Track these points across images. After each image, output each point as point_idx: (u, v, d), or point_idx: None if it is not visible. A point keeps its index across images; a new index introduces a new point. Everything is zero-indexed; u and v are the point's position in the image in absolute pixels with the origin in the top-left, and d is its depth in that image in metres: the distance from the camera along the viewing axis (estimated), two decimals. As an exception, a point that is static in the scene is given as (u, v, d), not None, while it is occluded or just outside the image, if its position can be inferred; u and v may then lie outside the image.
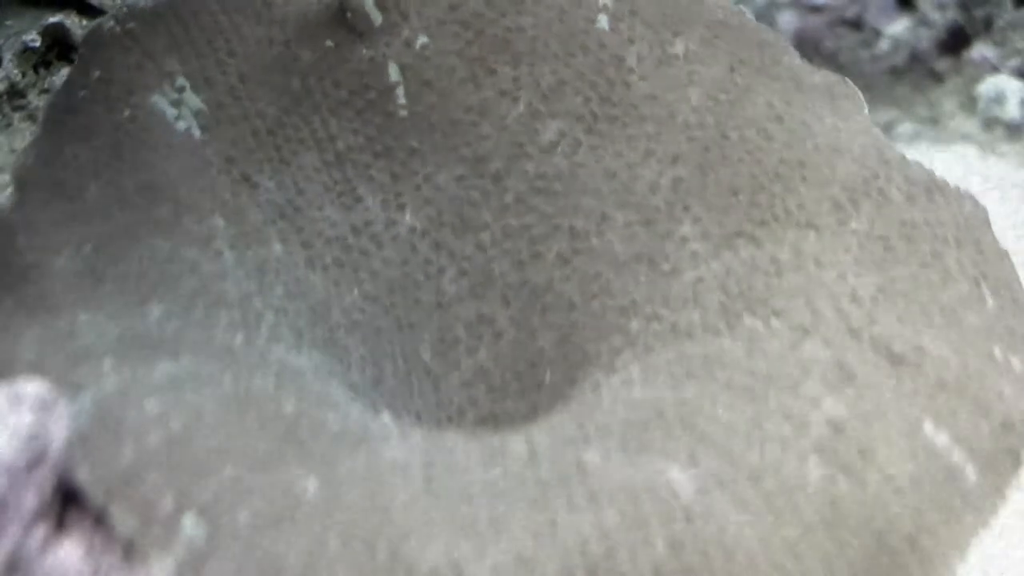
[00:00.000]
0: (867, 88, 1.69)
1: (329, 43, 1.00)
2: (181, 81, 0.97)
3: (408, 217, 0.99)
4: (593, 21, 1.02)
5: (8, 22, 1.14)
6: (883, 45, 1.73)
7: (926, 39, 1.72)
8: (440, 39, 1.00)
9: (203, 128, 0.96)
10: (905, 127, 1.70)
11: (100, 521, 0.72)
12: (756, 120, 0.98)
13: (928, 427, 0.78)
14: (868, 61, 1.73)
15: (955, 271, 0.88)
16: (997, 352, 0.84)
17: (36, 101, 1.10)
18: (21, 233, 0.85)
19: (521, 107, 1.00)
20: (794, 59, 1.04)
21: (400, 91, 0.99)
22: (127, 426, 0.72)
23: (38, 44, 1.10)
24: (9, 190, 1.00)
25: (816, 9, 1.73)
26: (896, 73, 1.73)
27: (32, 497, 0.69)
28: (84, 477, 0.70)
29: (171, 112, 0.95)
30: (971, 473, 0.77)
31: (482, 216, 0.99)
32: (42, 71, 1.11)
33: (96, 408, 0.73)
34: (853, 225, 0.90)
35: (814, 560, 0.70)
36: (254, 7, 1.01)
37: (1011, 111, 1.67)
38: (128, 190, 0.90)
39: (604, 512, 0.70)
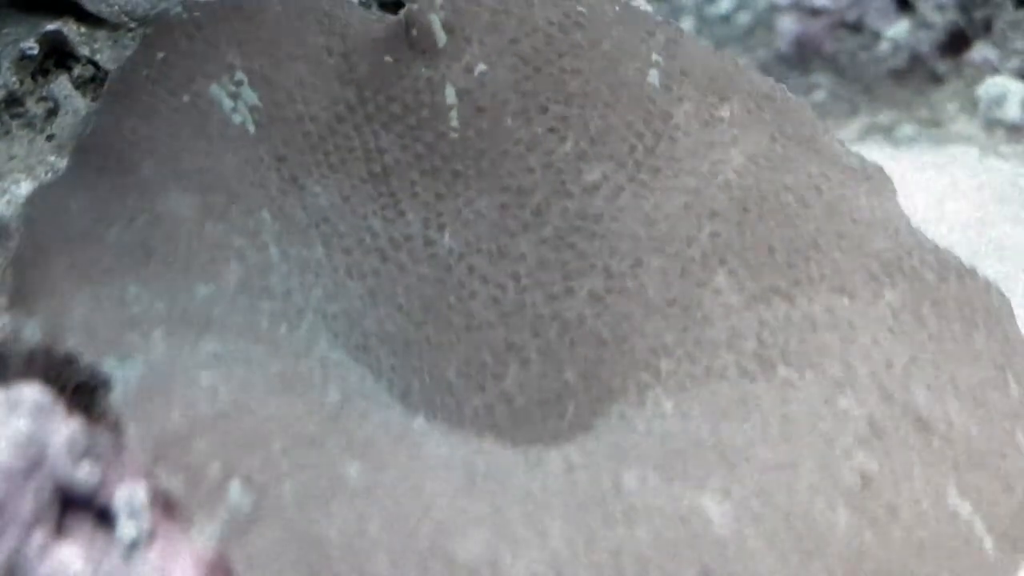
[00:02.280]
0: (868, 91, 1.77)
1: (388, 58, 1.05)
2: (240, 75, 1.01)
3: (447, 238, 1.03)
4: (645, 75, 1.08)
5: (5, 30, 1.16)
6: (883, 47, 1.80)
7: (926, 41, 1.79)
8: (499, 69, 1.05)
9: (257, 124, 1.00)
10: (906, 129, 1.76)
11: (99, 524, 0.75)
12: (795, 188, 1.03)
13: (952, 494, 0.83)
14: (868, 64, 1.80)
15: (983, 354, 0.94)
16: (1020, 435, 0.89)
17: (34, 109, 1.12)
18: (75, 198, 0.89)
19: (568, 146, 1.05)
20: (832, 139, 1.11)
21: (454, 114, 1.04)
22: (177, 393, 0.75)
23: (36, 52, 1.12)
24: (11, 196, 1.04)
25: (816, 12, 1.80)
26: (897, 75, 1.79)
27: (30, 501, 0.72)
28: (132, 438, 0.73)
29: (228, 104, 1.00)
30: (989, 545, 0.82)
31: (519, 246, 1.04)
32: (40, 79, 1.13)
33: (146, 373, 0.76)
34: (887, 296, 0.96)
35: (838, 603, 0.75)
36: (316, 16, 1.06)
37: (1012, 112, 1.74)
38: (182, 172, 0.93)
39: (639, 530, 0.75)
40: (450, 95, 1.04)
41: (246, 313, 0.86)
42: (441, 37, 1.04)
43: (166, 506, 0.77)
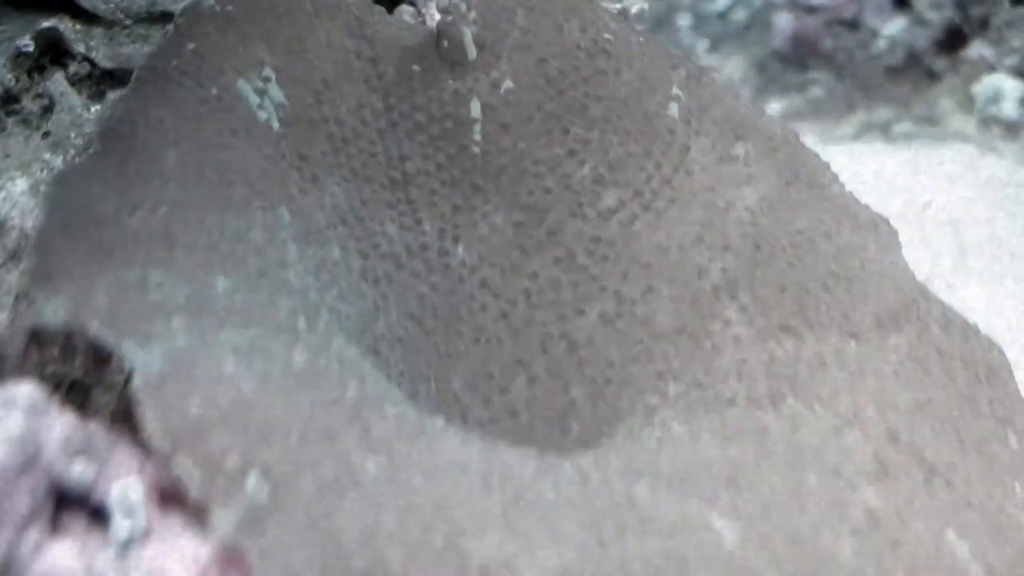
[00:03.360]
0: (864, 88, 1.80)
1: (416, 68, 1.07)
2: (268, 72, 1.03)
3: (461, 250, 1.05)
4: (665, 107, 1.11)
5: (1, 27, 1.17)
6: (880, 45, 1.83)
7: (923, 38, 1.82)
8: (524, 88, 1.07)
9: (282, 122, 1.02)
10: (903, 126, 1.78)
11: (94, 522, 0.76)
12: (807, 231, 1.06)
13: (951, 537, 0.85)
14: (865, 61, 1.83)
15: (985, 408, 0.96)
16: (1018, 488, 0.92)
17: (30, 106, 1.12)
18: (98, 182, 0.90)
19: (587, 170, 1.08)
20: (843, 188, 1.14)
21: (477, 128, 1.06)
22: (197, 382, 0.76)
23: (31, 49, 1.13)
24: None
25: (813, 10, 1.83)
26: (893, 73, 1.82)
27: (24, 500, 0.72)
28: (151, 424, 0.74)
29: (254, 99, 1.01)
30: (984, 589, 0.84)
31: (532, 264, 1.06)
32: (36, 76, 1.14)
33: (166, 360, 0.77)
34: (893, 343, 0.98)
35: (840, 634, 0.77)
36: (347, 20, 1.08)
37: (1008, 110, 1.76)
38: (206, 163, 0.95)
39: (650, 542, 0.76)
40: (475, 109, 1.06)
41: (265, 306, 0.87)
42: (471, 51, 1.06)
43: (163, 501, 0.78)
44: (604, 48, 1.11)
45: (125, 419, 0.84)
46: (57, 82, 1.12)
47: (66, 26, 1.15)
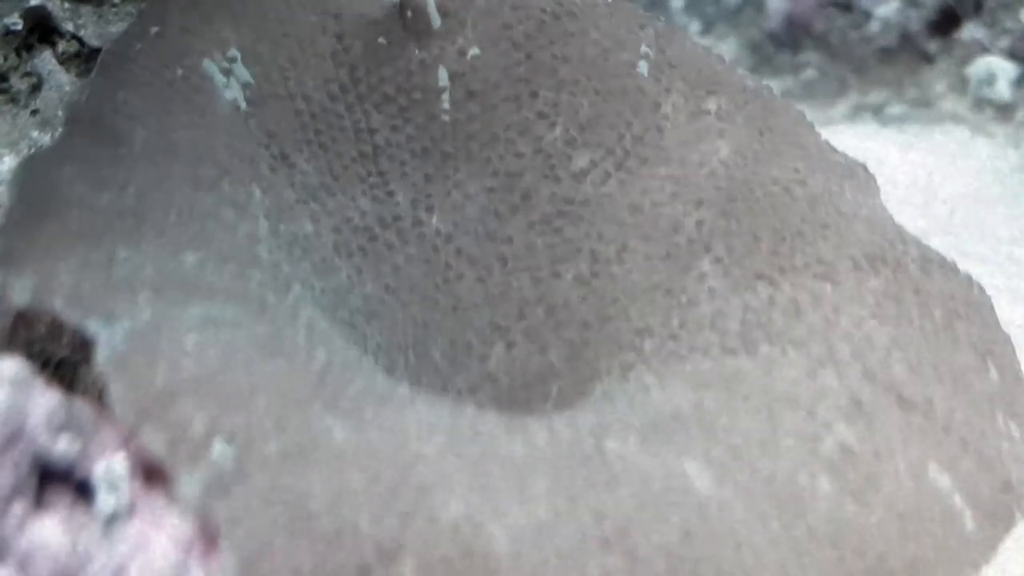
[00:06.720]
0: (857, 70, 1.79)
1: (381, 40, 1.05)
2: (233, 52, 1.02)
3: (435, 219, 1.04)
4: (634, 66, 1.09)
5: None
6: (873, 26, 1.81)
7: (916, 20, 1.80)
8: (491, 54, 1.06)
9: (249, 101, 1.01)
10: (896, 108, 1.77)
11: (78, 498, 0.75)
12: (781, 180, 1.04)
13: (933, 470, 0.83)
14: (858, 43, 1.81)
15: (964, 341, 0.95)
16: (1000, 418, 0.90)
17: (18, 84, 1.12)
18: (67, 165, 0.89)
19: (557, 132, 1.06)
20: (818, 137, 1.12)
21: (446, 96, 1.05)
22: (162, 353, 0.75)
23: (20, 27, 1.13)
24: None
25: None
26: (887, 54, 1.81)
27: (8, 475, 0.71)
28: (117, 396, 0.73)
29: (220, 79, 1.00)
30: (969, 520, 0.83)
31: (506, 230, 1.04)
32: (24, 54, 1.13)
33: (132, 334, 0.76)
34: (871, 284, 0.97)
35: (817, 570, 0.75)
36: (310, -3, 1.07)
37: (1001, 91, 1.75)
38: (174, 144, 0.94)
39: (621, 492, 0.75)
40: (442, 78, 1.05)
41: (234, 280, 0.86)
42: (436, 19, 1.05)
43: (146, 478, 0.77)
44: (570, 10, 1.10)
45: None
46: (45, 60, 1.11)
47: (55, 4, 1.14)
